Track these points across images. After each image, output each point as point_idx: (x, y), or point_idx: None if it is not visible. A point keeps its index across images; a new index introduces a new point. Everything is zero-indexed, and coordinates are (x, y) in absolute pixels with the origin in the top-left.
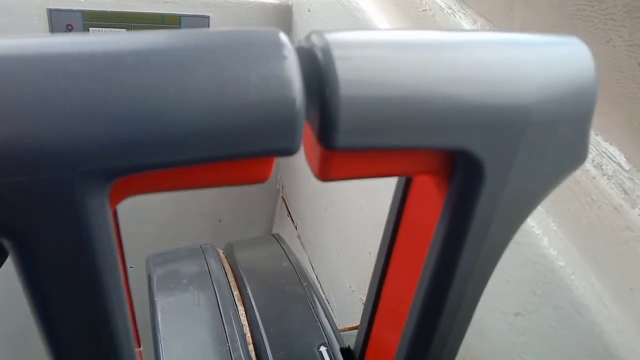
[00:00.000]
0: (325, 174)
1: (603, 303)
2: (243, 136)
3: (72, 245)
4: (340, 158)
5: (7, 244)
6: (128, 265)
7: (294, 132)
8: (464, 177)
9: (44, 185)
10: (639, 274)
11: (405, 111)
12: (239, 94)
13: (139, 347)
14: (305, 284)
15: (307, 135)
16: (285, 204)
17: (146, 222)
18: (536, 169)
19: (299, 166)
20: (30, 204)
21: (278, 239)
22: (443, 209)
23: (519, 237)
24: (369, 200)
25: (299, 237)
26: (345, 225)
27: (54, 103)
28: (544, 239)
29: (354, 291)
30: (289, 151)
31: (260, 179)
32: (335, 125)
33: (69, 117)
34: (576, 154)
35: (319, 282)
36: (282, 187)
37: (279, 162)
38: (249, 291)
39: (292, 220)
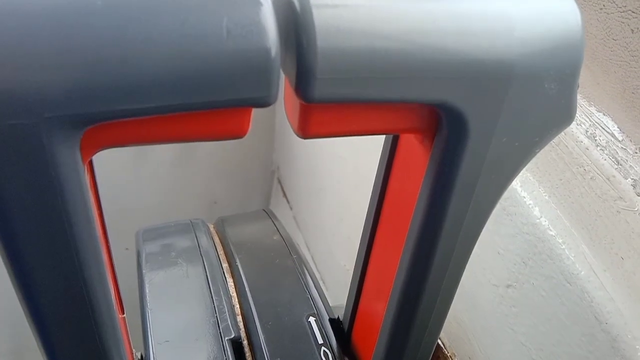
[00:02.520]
0: (305, 129)
1: (594, 272)
2: (214, 83)
3: (43, 197)
4: (319, 112)
5: None
6: (123, 246)
7: (269, 81)
8: (447, 134)
9: (10, 132)
10: (630, 243)
11: (385, 61)
12: (210, 39)
13: (122, 314)
14: (295, 256)
15: (287, 90)
16: (281, 185)
17: (140, 205)
18: (522, 126)
19: (294, 147)
20: None
21: (269, 213)
22: (427, 169)
23: (510, 207)
24: (363, 180)
25: (294, 218)
26: (340, 205)
27: (17, 47)
28: (535, 209)
29: (348, 270)
30: (265, 101)
31: (238, 134)
32: (312, 75)
33: (33, 61)
34: (563, 113)
35: (314, 262)
36: (278, 168)
37: (275, 143)
38: (238, 264)
39: (288, 202)
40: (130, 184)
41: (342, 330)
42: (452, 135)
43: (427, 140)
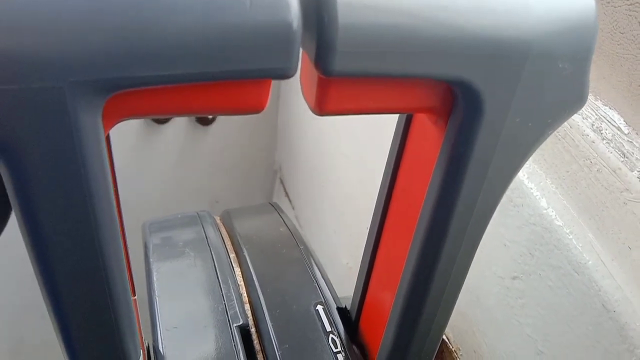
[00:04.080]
0: (322, 105)
1: (601, 261)
2: (236, 53)
3: (64, 163)
4: (337, 87)
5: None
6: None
7: (290, 52)
8: (463, 113)
9: (34, 96)
10: (637, 233)
11: (404, 36)
12: (234, 8)
13: (134, 295)
14: (302, 247)
15: (304, 66)
16: (283, 184)
17: (142, 202)
18: (535, 106)
19: (296, 146)
20: (21, 114)
21: (275, 206)
22: (441, 150)
23: (517, 198)
24: (366, 176)
25: (296, 217)
26: (342, 203)
27: (44, 10)
28: (542, 200)
29: (350, 267)
30: (284, 73)
31: (256, 107)
32: (332, 47)
33: (59, 24)
34: (576, 94)
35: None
36: (280, 167)
37: (277, 143)
38: (245, 254)
39: (290, 201)
40: (133, 182)
41: (350, 319)
42: (467, 115)
43: (441, 120)
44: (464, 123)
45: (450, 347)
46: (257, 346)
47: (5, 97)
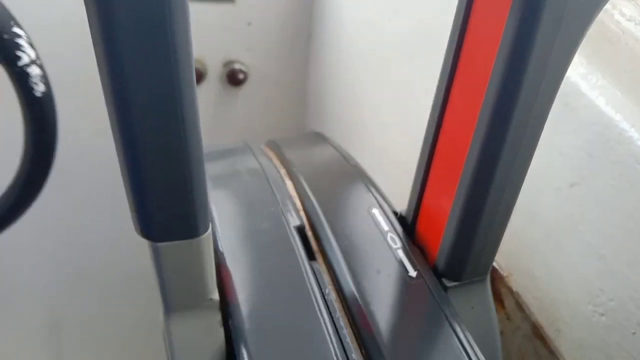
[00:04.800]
0: None
1: None
2: None
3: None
4: None
5: None
6: None
7: None
8: None
9: None
10: None
11: None
12: None
13: None
14: (352, 162)
15: None
16: None
17: None
18: None
19: (328, 111)
20: None
21: (321, 134)
22: (505, 28)
23: (573, 102)
24: (406, 138)
25: None
26: (377, 167)
27: None
28: (600, 99)
29: None
30: None
31: None
32: None
33: None
34: None
35: None
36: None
37: (308, 107)
38: (295, 169)
39: None
40: None
41: (406, 224)
42: None
43: None
44: None
45: (501, 273)
46: (314, 247)
47: None
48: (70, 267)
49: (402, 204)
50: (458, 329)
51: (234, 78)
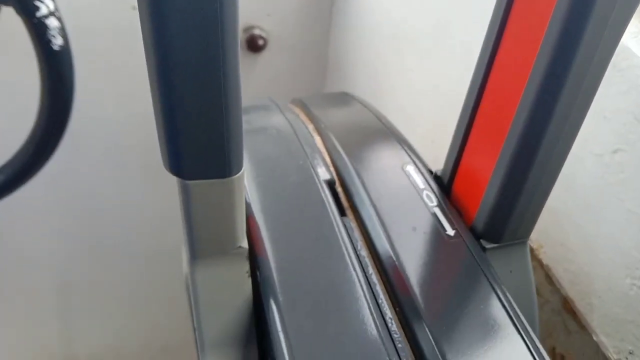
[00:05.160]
0: None
1: None
2: None
3: None
4: None
5: None
6: None
7: None
8: None
9: None
10: None
11: None
12: None
13: None
14: (383, 121)
15: None
16: None
17: None
18: None
19: (350, 78)
20: None
21: (350, 94)
22: None
23: (621, 62)
24: (435, 85)
25: None
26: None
27: None
28: None
29: None
30: None
31: None
32: None
33: None
34: None
35: None
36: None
37: (328, 72)
38: (323, 125)
39: None
40: None
41: (442, 184)
42: None
43: None
44: None
45: (531, 245)
46: (345, 203)
47: None
48: (80, 232)
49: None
50: (499, 291)
51: (253, 44)
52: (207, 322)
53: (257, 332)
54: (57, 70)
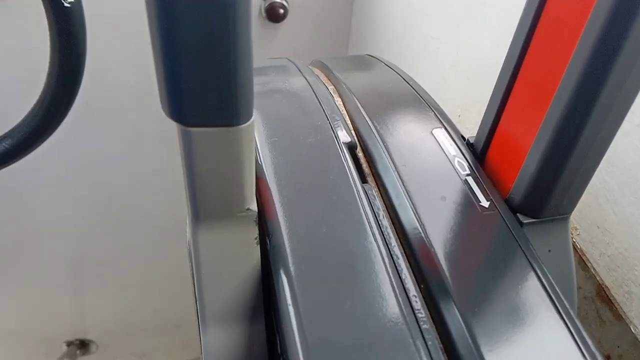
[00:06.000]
0: None
1: None
2: None
3: None
4: None
5: None
6: None
7: None
8: None
9: None
10: None
11: None
12: None
13: None
14: (411, 83)
15: None
16: None
17: None
18: None
19: (372, 46)
20: None
21: (374, 55)
22: None
23: None
24: (461, 56)
25: None
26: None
27: None
28: None
29: None
30: None
31: None
32: None
33: None
34: None
35: None
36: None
37: (350, 42)
38: (345, 86)
39: None
40: None
41: (475, 152)
42: None
43: None
44: None
45: None
46: (366, 169)
47: None
48: (94, 203)
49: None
50: (539, 270)
51: (274, 13)
52: (209, 293)
53: (264, 306)
54: (67, 30)
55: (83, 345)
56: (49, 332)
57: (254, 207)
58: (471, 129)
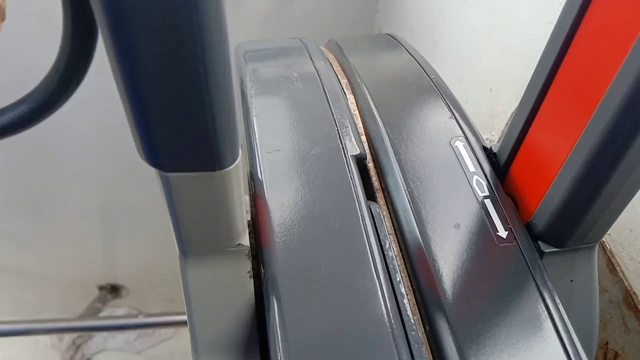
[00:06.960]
0: None
1: None
2: None
3: None
4: None
5: None
6: None
7: None
8: None
9: None
10: None
11: None
12: None
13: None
14: (432, 76)
15: None
16: None
17: None
18: None
19: (401, 8)
20: None
21: (395, 36)
22: None
23: None
24: (496, 24)
25: None
26: (458, 73)
27: None
28: None
29: None
30: None
31: None
32: None
33: None
34: None
35: None
36: (380, 32)
37: (378, 3)
38: (359, 80)
39: None
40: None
41: (497, 165)
42: None
43: None
44: None
45: None
46: (376, 183)
47: None
48: (120, 156)
49: (485, 135)
50: (554, 313)
51: None
52: (200, 328)
53: (260, 338)
54: None
55: (114, 289)
56: (82, 277)
57: (245, 241)
58: (502, 105)
